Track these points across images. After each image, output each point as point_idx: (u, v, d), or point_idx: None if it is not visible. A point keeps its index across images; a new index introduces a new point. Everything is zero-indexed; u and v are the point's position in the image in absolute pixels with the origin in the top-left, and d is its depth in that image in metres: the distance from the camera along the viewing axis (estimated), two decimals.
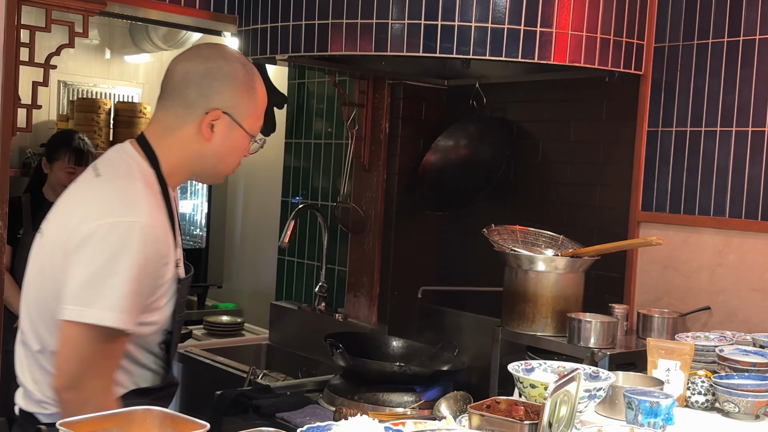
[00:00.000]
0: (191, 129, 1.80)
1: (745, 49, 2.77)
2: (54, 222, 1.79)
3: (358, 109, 3.75)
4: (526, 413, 1.59)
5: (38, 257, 1.80)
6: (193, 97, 1.78)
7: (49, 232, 1.78)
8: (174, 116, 1.81)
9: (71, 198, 1.81)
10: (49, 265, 1.73)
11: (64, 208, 1.79)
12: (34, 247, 1.83)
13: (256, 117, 1.86)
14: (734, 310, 2.77)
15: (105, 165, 1.82)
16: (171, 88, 1.81)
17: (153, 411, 1.42)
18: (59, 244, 1.71)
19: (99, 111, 4.74)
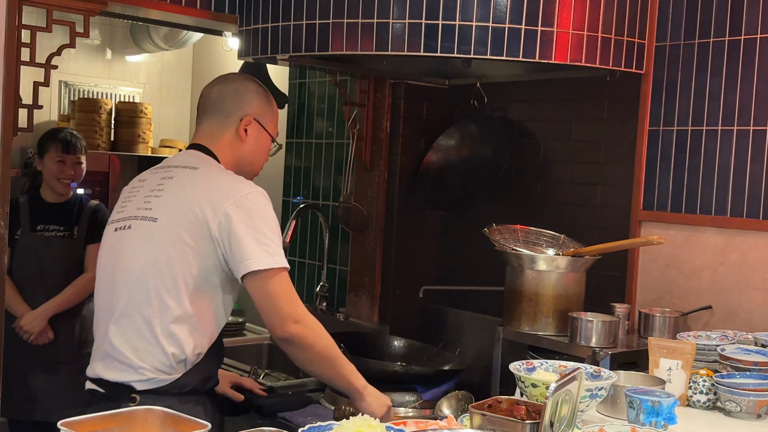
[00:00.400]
0: (231, 133, 2.25)
1: (747, 47, 2.77)
2: (167, 210, 2.10)
3: (359, 109, 3.75)
4: (527, 413, 1.58)
5: (153, 239, 2.09)
6: (229, 108, 2.25)
7: (167, 218, 2.09)
8: (216, 125, 2.26)
9: (180, 190, 2.12)
10: (181, 244, 2.05)
11: (175, 198, 2.11)
12: (141, 233, 2.11)
13: (274, 124, 2.34)
14: (736, 309, 2.77)
15: (193, 162, 2.19)
16: (210, 105, 2.28)
17: (154, 411, 1.42)
18: (197, 227, 2.05)
19: (100, 111, 4.75)
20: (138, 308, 2.08)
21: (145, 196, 2.18)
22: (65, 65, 4.95)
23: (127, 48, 5.35)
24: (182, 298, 2.06)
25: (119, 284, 2.12)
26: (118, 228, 2.19)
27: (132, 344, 2.07)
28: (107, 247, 2.22)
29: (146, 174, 2.29)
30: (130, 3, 3.07)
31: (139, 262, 2.09)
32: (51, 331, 3.50)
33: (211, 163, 2.21)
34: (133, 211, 2.17)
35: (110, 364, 2.11)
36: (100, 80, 5.29)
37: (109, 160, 4.50)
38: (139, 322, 2.08)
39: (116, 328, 2.10)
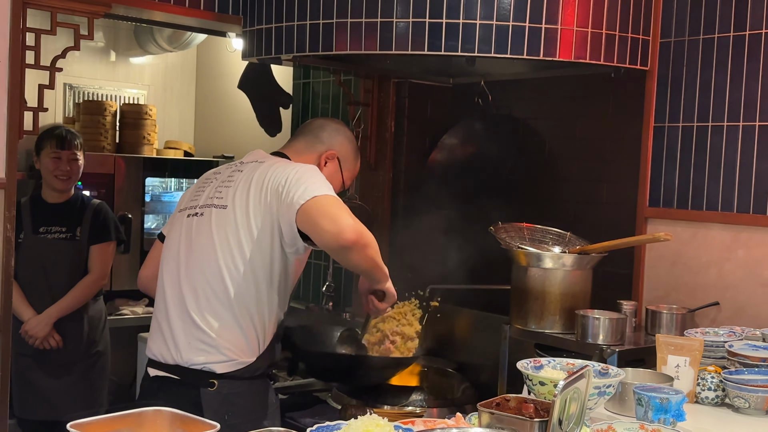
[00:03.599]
0: (314, 157, 2.43)
1: (752, 43, 2.76)
2: (236, 197, 2.24)
3: (363, 108, 3.75)
4: (535, 410, 1.58)
5: (224, 226, 2.23)
6: (323, 137, 2.47)
7: (235, 205, 2.23)
8: (305, 145, 2.46)
9: (247, 178, 2.27)
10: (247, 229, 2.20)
11: (243, 186, 2.25)
12: (213, 220, 2.25)
13: (351, 175, 2.52)
14: (743, 305, 2.76)
15: (264, 158, 2.36)
16: (310, 129, 2.50)
17: (163, 412, 1.42)
18: (260, 203, 2.20)
19: (105, 113, 4.75)
20: (214, 292, 2.19)
21: (217, 187, 2.32)
22: (70, 68, 4.96)
23: (131, 50, 5.36)
24: (252, 280, 2.19)
25: (194, 268, 2.24)
26: (190, 215, 2.32)
27: (213, 324, 2.18)
28: (177, 233, 2.33)
29: (221, 168, 2.44)
30: (134, 5, 3.07)
31: (212, 247, 2.21)
32: (57, 335, 3.50)
33: (279, 159, 2.36)
34: (206, 200, 2.31)
35: (189, 344, 2.20)
36: (104, 82, 5.30)
37: (114, 161, 4.51)
38: (216, 305, 2.19)
39: (197, 309, 2.21)
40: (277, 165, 2.28)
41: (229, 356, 2.18)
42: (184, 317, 2.22)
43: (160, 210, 4.90)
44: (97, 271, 3.60)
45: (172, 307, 2.26)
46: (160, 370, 2.25)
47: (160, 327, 2.29)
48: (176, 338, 2.23)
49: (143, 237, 4.57)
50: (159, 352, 2.27)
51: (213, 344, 2.18)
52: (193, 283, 2.23)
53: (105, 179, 4.46)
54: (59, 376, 3.55)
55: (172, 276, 2.29)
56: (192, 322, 2.20)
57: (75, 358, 3.57)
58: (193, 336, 2.20)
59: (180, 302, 2.24)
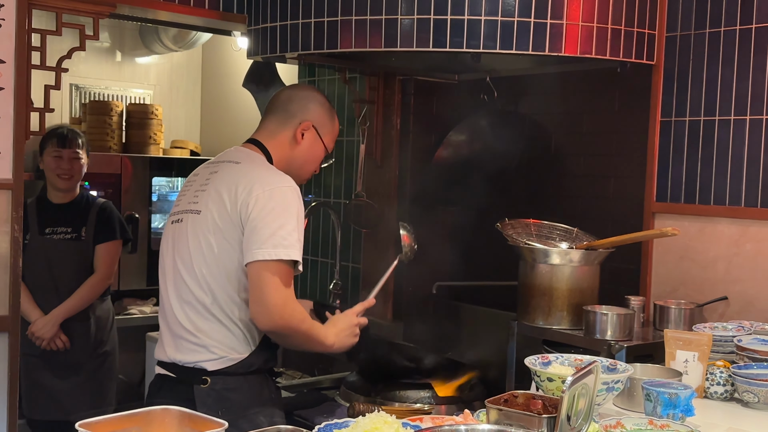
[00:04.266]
0: (289, 133, 2.38)
1: (758, 36, 2.75)
2: (209, 202, 2.24)
3: (369, 106, 3.74)
4: (544, 407, 1.58)
5: (197, 231, 2.25)
6: (293, 110, 2.40)
7: (207, 210, 2.24)
8: (277, 123, 2.40)
9: (219, 182, 2.26)
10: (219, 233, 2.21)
11: (215, 190, 2.25)
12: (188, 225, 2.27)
13: (331, 138, 2.45)
14: (752, 299, 2.75)
15: (238, 157, 2.33)
16: (278, 105, 2.43)
17: (171, 411, 1.43)
18: (228, 214, 2.20)
19: (111, 113, 4.76)
20: (197, 294, 2.23)
21: (195, 191, 2.33)
22: (75, 68, 4.97)
23: (136, 50, 5.37)
24: (229, 282, 2.21)
25: (177, 274, 2.28)
26: (174, 221, 2.36)
27: (198, 326, 2.22)
28: (166, 240, 2.38)
29: (199, 169, 2.43)
30: (139, 5, 3.08)
31: (188, 253, 2.25)
32: (63, 336, 3.51)
33: (255, 158, 2.34)
34: (185, 206, 2.33)
35: (182, 345, 2.25)
36: (110, 82, 5.31)
37: (120, 161, 4.52)
38: (200, 306, 2.23)
39: (183, 313, 2.25)
40: (253, 171, 2.26)
41: (219, 354, 2.22)
42: (173, 321, 2.29)
43: (167, 209, 4.90)
44: (103, 271, 3.61)
45: (166, 311, 2.33)
46: (162, 369, 2.32)
47: (163, 330, 2.36)
48: (170, 339, 2.30)
49: (150, 236, 4.58)
50: (160, 352, 2.33)
51: (201, 344, 2.23)
52: (177, 288, 2.28)
53: (112, 179, 4.47)
54: (67, 376, 3.56)
55: (163, 281, 2.36)
56: (180, 326, 2.26)
57: (82, 358, 3.58)
58: (181, 338, 2.26)
59: (169, 307, 2.31)
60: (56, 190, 3.62)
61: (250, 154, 2.35)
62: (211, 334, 2.22)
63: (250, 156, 2.35)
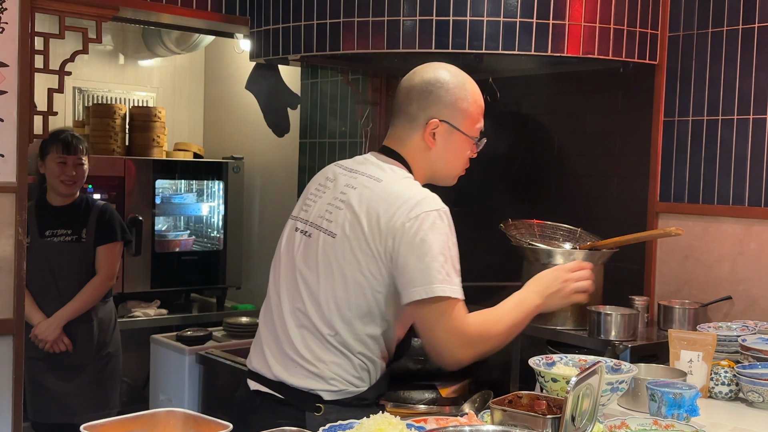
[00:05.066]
0: (418, 138, 2.05)
1: (761, 35, 2.75)
2: (345, 226, 1.97)
3: (371, 107, 3.75)
4: (548, 407, 1.58)
5: (330, 257, 1.98)
6: (414, 112, 2.04)
7: (345, 236, 1.97)
8: (403, 129, 2.07)
9: (358, 204, 1.98)
10: (355, 264, 1.95)
11: (353, 213, 1.98)
12: (320, 246, 2.00)
13: (472, 120, 2.08)
14: (756, 299, 2.75)
15: (378, 173, 2.03)
16: (398, 106, 2.08)
17: (176, 413, 1.43)
18: (368, 245, 1.94)
19: (114, 116, 4.77)
20: (317, 324, 1.99)
21: (328, 203, 2.05)
22: (78, 71, 4.97)
23: (139, 53, 5.37)
24: (358, 317, 1.98)
25: (297, 296, 2.03)
26: (299, 229, 2.09)
27: (318, 355, 1.99)
28: (287, 246, 2.11)
29: (336, 171, 2.11)
30: (142, 8, 3.08)
31: (318, 278, 2.00)
32: (66, 339, 3.51)
33: (396, 174, 2.04)
34: (316, 218, 2.05)
35: (295, 370, 2.00)
36: (113, 85, 5.31)
37: (124, 164, 4.52)
38: (321, 336, 1.99)
39: (301, 338, 2.01)
40: (395, 192, 1.97)
41: (338, 387, 1.99)
42: (285, 342, 2.03)
43: (171, 212, 4.91)
44: (104, 272, 3.61)
45: (276, 327, 2.06)
46: (263, 385, 2.05)
47: (265, 341, 2.09)
48: (278, 357, 2.03)
49: (154, 239, 4.58)
50: (260, 366, 2.07)
51: (319, 374, 1.99)
52: (296, 312, 2.03)
53: (115, 182, 4.48)
54: (71, 378, 3.57)
55: (277, 294, 2.09)
56: (294, 350, 2.01)
57: (86, 360, 3.59)
58: (295, 362, 2.00)
59: (282, 325, 2.05)
60: (58, 195, 3.62)
61: (391, 170, 2.05)
62: (332, 366, 1.98)
63: (392, 172, 2.04)
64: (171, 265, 4.66)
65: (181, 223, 5.01)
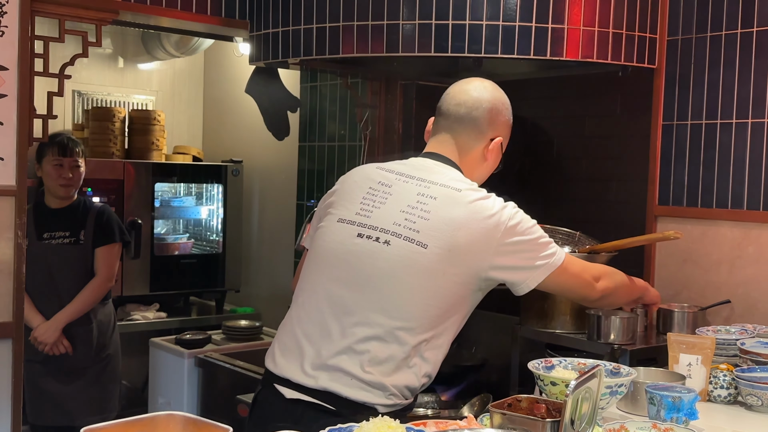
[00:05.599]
0: (480, 150, 2.14)
1: (760, 39, 2.75)
2: (431, 236, 1.97)
3: (371, 111, 3.75)
4: (547, 411, 1.58)
5: (418, 267, 1.96)
6: (483, 125, 2.12)
7: (438, 249, 1.96)
8: (467, 138, 2.13)
9: (442, 214, 1.99)
10: (446, 277, 1.97)
11: (439, 224, 1.98)
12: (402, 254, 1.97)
13: (506, 144, 2.21)
14: (755, 302, 2.75)
15: (454, 182, 2.06)
16: (464, 115, 2.12)
17: (176, 416, 1.43)
18: (456, 255, 1.96)
19: (114, 119, 4.77)
20: (400, 337, 1.94)
21: (402, 210, 2.00)
22: (78, 74, 4.98)
23: (139, 56, 5.38)
24: (434, 327, 1.97)
25: (371, 303, 1.96)
26: (364, 235, 2.00)
27: (385, 371, 1.94)
28: (340, 248, 2.02)
29: (387, 176, 2.10)
30: (142, 11, 3.09)
31: (406, 289, 1.95)
32: (66, 341, 3.51)
33: (469, 184, 2.07)
34: (390, 225, 1.99)
35: (350, 381, 1.94)
36: (112, 89, 5.32)
37: (123, 167, 4.52)
38: (398, 350, 1.94)
39: (366, 349, 1.94)
40: (477, 201, 2.00)
41: (395, 400, 1.95)
42: (348, 354, 1.95)
43: (170, 215, 4.91)
44: (103, 274, 3.61)
45: (333, 336, 1.97)
46: (304, 394, 1.96)
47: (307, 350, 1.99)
48: (330, 369, 1.95)
49: (153, 242, 4.59)
50: (297, 374, 1.98)
51: (381, 388, 1.94)
52: (368, 321, 1.95)
53: (114, 185, 4.48)
54: (70, 381, 3.57)
55: (335, 302, 1.99)
56: (357, 364, 1.94)
57: (85, 362, 3.59)
58: (355, 376, 1.94)
59: (343, 335, 1.96)
60: (55, 197, 3.62)
61: (461, 179, 2.08)
62: (395, 381, 1.94)
63: (463, 182, 2.07)
64: (170, 268, 4.66)
65: (181, 226, 5.02)
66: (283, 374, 2.00)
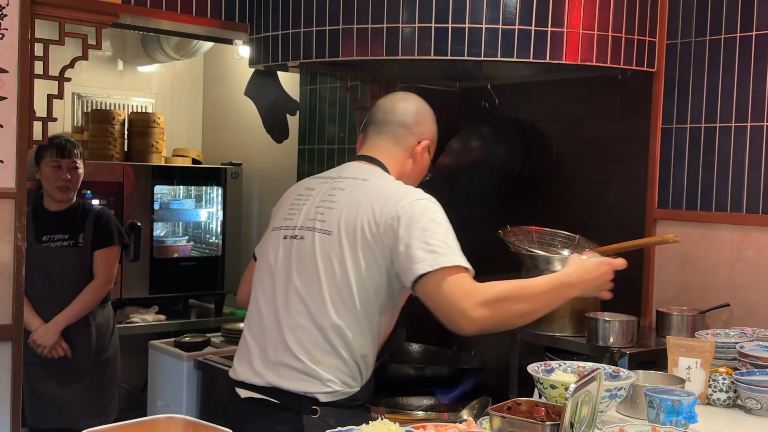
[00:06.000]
0: (408, 153, 2.24)
1: (759, 43, 2.76)
2: (341, 223, 2.07)
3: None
4: (547, 414, 1.58)
5: (329, 253, 2.06)
6: (412, 127, 2.24)
7: (340, 232, 2.06)
8: (394, 141, 2.23)
9: (350, 201, 2.08)
10: (356, 257, 2.04)
11: (347, 210, 2.07)
12: (317, 246, 2.08)
13: (433, 148, 2.31)
14: (754, 305, 2.76)
15: (363, 174, 2.16)
16: (392, 119, 2.24)
17: (176, 419, 1.43)
18: (366, 236, 2.03)
19: (113, 122, 4.77)
20: (316, 324, 2.05)
21: (316, 206, 2.14)
22: (78, 77, 4.98)
23: (138, 59, 5.38)
24: (357, 313, 2.05)
25: (294, 297, 2.08)
26: (288, 236, 2.15)
27: (315, 357, 2.04)
28: (275, 254, 2.16)
29: (314, 182, 2.24)
30: (141, 14, 3.09)
31: (316, 277, 2.06)
32: (64, 344, 3.50)
33: (382, 175, 2.18)
34: (305, 221, 2.13)
35: (289, 374, 2.05)
36: (112, 91, 5.32)
37: (122, 170, 4.52)
38: (317, 337, 2.05)
39: (295, 340, 2.06)
40: (385, 187, 2.09)
41: (333, 388, 2.05)
42: (282, 349, 2.07)
43: (169, 218, 4.91)
44: (102, 276, 3.61)
45: (266, 333, 2.11)
46: (255, 392, 2.09)
47: (253, 351, 2.13)
48: (266, 363, 2.09)
49: (152, 245, 4.58)
50: (249, 375, 2.11)
51: (315, 376, 2.04)
52: (292, 313, 2.08)
53: (114, 188, 4.48)
54: (69, 384, 3.56)
55: (269, 302, 2.13)
56: (292, 355, 2.06)
57: (84, 365, 3.58)
58: (287, 366, 2.06)
59: (277, 332, 2.09)
60: (54, 200, 3.62)
61: (373, 170, 2.19)
62: (328, 367, 2.04)
63: (375, 172, 2.18)
64: (169, 270, 4.66)
65: (180, 228, 5.02)
66: (239, 378, 2.14)
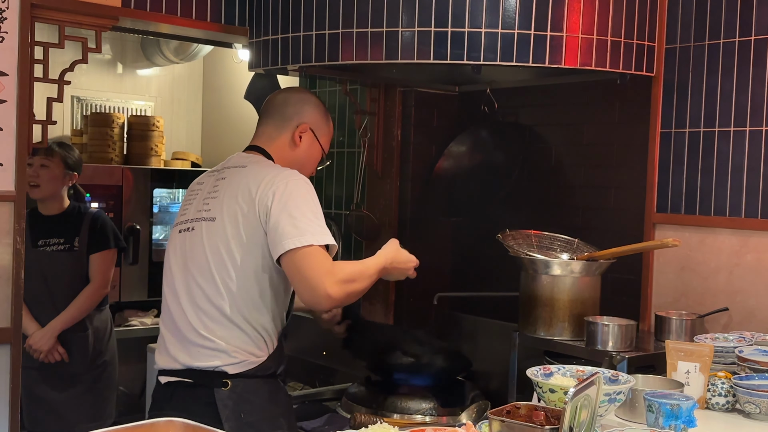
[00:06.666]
0: (287, 137, 2.42)
1: (757, 47, 2.76)
2: (223, 208, 2.26)
3: (369, 117, 3.76)
4: (546, 418, 1.58)
5: (214, 238, 2.26)
6: (290, 113, 2.43)
7: (222, 216, 2.25)
8: (275, 127, 2.44)
9: (230, 187, 2.28)
10: (238, 237, 2.22)
11: (228, 196, 2.27)
12: (203, 233, 2.28)
13: (327, 140, 2.50)
14: (753, 310, 2.76)
15: (243, 162, 2.35)
16: (273, 109, 2.47)
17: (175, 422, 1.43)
18: (245, 217, 2.21)
19: (113, 125, 4.78)
20: (215, 301, 2.23)
21: (204, 198, 2.34)
22: (77, 80, 4.98)
23: (138, 62, 5.38)
24: (248, 288, 2.22)
25: (192, 283, 2.28)
26: (182, 230, 2.36)
27: (217, 333, 2.22)
28: (173, 249, 2.37)
29: (203, 177, 2.44)
30: (141, 18, 3.09)
31: (206, 261, 2.25)
32: (61, 348, 3.50)
33: (260, 160, 2.36)
34: (194, 214, 2.33)
35: (199, 353, 2.23)
36: (112, 94, 5.32)
37: (122, 173, 4.53)
38: (218, 313, 2.23)
39: (199, 321, 2.24)
40: (261, 170, 2.28)
41: (240, 358, 2.23)
42: (186, 329, 2.27)
43: (168, 221, 4.91)
44: (98, 280, 3.60)
45: (175, 319, 2.30)
46: (172, 376, 2.28)
47: (167, 339, 2.33)
48: (180, 347, 2.28)
49: (151, 248, 4.59)
50: (169, 360, 2.30)
51: (220, 350, 2.22)
52: (191, 297, 2.27)
53: (113, 191, 4.48)
54: (66, 388, 3.56)
55: (172, 292, 2.34)
56: (195, 333, 2.24)
57: (81, 369, 3.58)
58: (196, 345, 2.24)
59: (180, 315, 2.29)
60: (43, 203, 3.60)
61: (253, 157, 2.38)
62: (230, 340, 2.22)
63: (255, 158, 2.37)
64: None
65: None
66: (159, 366, 2.33)
